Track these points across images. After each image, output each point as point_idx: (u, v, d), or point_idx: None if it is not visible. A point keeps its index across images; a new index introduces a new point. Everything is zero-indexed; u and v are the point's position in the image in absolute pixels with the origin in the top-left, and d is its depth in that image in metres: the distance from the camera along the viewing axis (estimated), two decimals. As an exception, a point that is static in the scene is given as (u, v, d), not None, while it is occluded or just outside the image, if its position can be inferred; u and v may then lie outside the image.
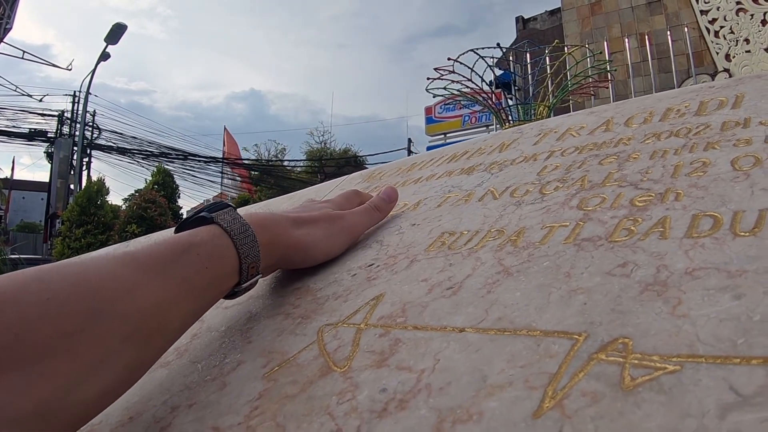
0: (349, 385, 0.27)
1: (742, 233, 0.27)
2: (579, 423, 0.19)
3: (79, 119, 12.70)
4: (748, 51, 6.77)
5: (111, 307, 0.30)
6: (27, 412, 0.25)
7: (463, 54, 5.45)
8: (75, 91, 13.28)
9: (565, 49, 6.08)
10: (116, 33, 12.44)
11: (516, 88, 7.27)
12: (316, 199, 0.56)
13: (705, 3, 7.10)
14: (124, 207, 11.57)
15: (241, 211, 0.46)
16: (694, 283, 0.24)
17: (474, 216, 0.43)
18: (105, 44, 12.41)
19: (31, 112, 12.74)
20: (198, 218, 0.39)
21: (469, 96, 5.86)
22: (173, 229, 0.41)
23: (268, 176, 17.35)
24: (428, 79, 5.62)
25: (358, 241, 0.50)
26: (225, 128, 16.57)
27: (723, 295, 0.22)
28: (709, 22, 7.03)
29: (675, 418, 0.17)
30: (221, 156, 15.97)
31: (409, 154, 15.83)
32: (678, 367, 0.19)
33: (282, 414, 0.28)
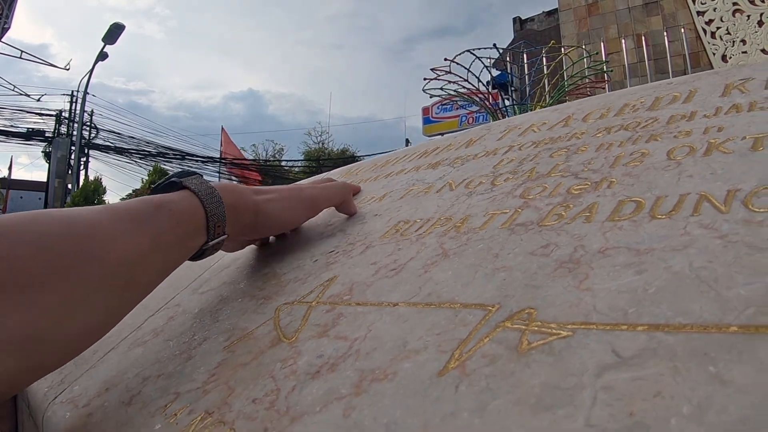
0: (293, 353, 0.30)
1: (660, 216, 0.29)
2: (474, 380, 0.21)
3: (77, 119, 12.72)
4: (745, 52, 6.78)
5: (95, 251, 0.32)
6: (18, 336, 0.28)
7: (460, 54, 5.47)
8: (73, 91, 13.31)
9: (562, 50, 6.10)
10: (114, 33, 12.46)
11: (512, 88, 7.29)
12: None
13: (702, 4, 7.11)
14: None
15: None
16: (604, 261, 0.26)
17: (429, 206, 0.45)
18: (103, 44, 12.42)
19: (28, 112, 12.77)
20: (169, 183, 0.42)
21: (465, 96, 5.88)
22: None
23: (266, 176, 17.37)
24: (425, 79, 5.65)
25: (326, 230, 0.52)
26: (222, 129, 16.57)
27: (627, 270, 0.24)
28: (706, 23, 7.04)
29: (558, 376, 0.19)
30: (219, 156, 15.98)
31: (406, 155, 15.82)
32: (570, 333, 0.21)
33: (234, 379, 0.31)
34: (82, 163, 12.92)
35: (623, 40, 7.58)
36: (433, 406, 0.21)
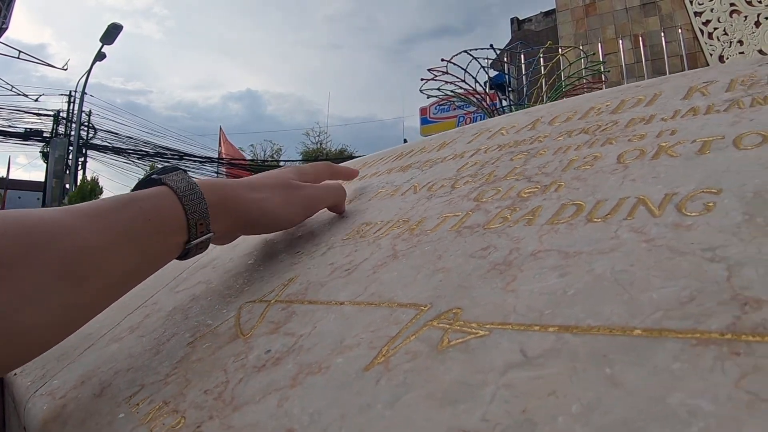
0: (246, 348, 0.32)
1: (596, 219, 0.30)
2: (394, 375, 0.22)
3: (75, 119, 12.73)
4: (742, 53, 6.77)
5: (46, 243, 0.31)
6: None
7: (457, 55, 5.48)
8: (71, 91, 13.31)
9: (559, 50, 6.11)
10: (112, 33, 12.47)
11: (510, 89, 7.30)
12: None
13: (699, 5, 7.10)
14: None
15: None
16: (534, 263, 0.27)
17: (391, 208, 0.46)
18: (101, 44, 12.43)
19: (26, 112, 12.77)
20: (149, 180, 0.41)
21: (462, 97, 5.89)
22: None
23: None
24: (422, 80, 5.66)
25: (296, 231, 0.53)
26: (221, 129, 16.58)
27: (552, 273, 0.25)
28: (703, 23, 7.03)
29: (468, 372, 0.21)
30: (217, 156, 15.99)
31: (404, 155, 15.84)
32: (487, 333, 0.22)
33: (192, 371, 0.33)
34: (79, 163, 12.94)
35: (620, 41, 7.59)
36: (354, 398, 0.22)
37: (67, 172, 12.72)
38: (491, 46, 5.79)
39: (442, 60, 5.48)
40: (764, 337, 0.17)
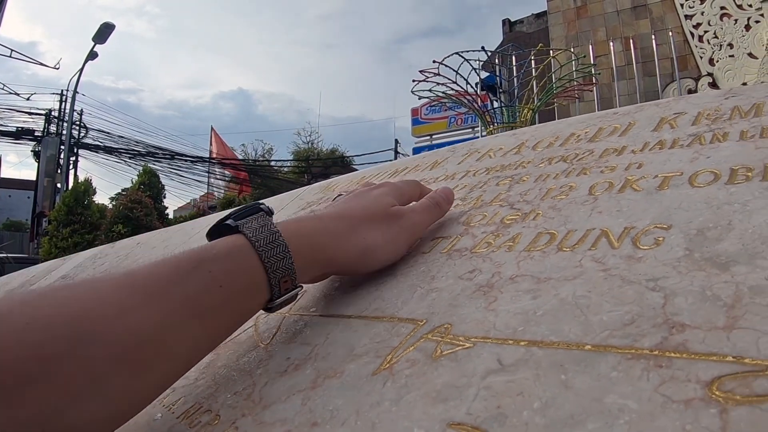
0: (266, 355, 0.38)
1: (565, 249, 0.35)
2: (397, 379, 0.28)
3: (67, 118, 12.70)
4: (732, 56, 6.86)
5: (96, 330, 0.28)
6: None
7: (448, 57, 5.53)
8: (62, 90, 13.29)
9: (550, 52, 6.16)
10: (104, 32, 12.44)
11: (501, 90, 7.35)
12: (372, 182, 0.51)
13: (690, 8, 7.18)
14: (110, 207, 11.66)
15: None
16: (512, 287, 0.32)
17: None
18: (93, 43, 12.40)
19: (18, 111, 12.74)
20: (223, 226, 0.36)
21: (454, 98, 5.93)
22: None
23: (255, 176, 17.40)
24: (414, 81, 5.69)
25: None
26: (212, 128, 16.57)
27: (526, 295, 0.31)
28: (694, 26, 7.11)
29: (455, 376, 0.26)
30: (208, 156, 15.99)
31: (395, 155, 15.90)
32: (472, 345, 0.28)
33: (219, 375, 0.38)
34: (71, 162, 12.93)
35: (611, 43, 7.66)
36: (365, 397, 0.28)
37: (59, 171, 12.71)
38: (483, 48, 5.84)
39: (434, 61, 5.52)
40: (682, 354, 0.23)
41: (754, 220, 0.30)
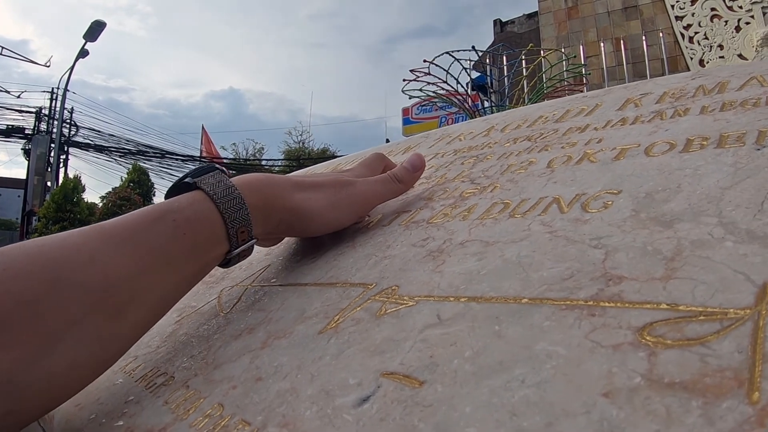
0: (225, 322, 0.38)
1: (516, 215, 0.36)
2: (341, 336, 0.28)
3: (57, 116, 12.65)
4: (722, 57, 6.89)
5: (71, 276, 0.29)
6: None
7: (439, 56, 5.54)
8: (53, 88, 13.24)
9: (541, 52, 6.18)
10: (95, 30, 12.40)
11: (491, 90, 7.37)
12: (343, 168, 0.53)
13: (680, 9, 7.21)
14: (100, 204, 11.63)
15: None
16: (461, 251, 0.33)
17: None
18: (84, 42, 12.36)
19: (8, 108, 12.68)
20: (182, 184, 0.38)
21: (444, 98, 5.94)
22: None
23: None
24: (404, 80, 5.70)
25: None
26: (203, 127, 16.54)
27: (472, 258, 0.32)
28: (684, 27, 7.14)
29: (395, 332, 0.27)
30: (199, 154, 15.95)
31: (388, 155, 15.86)
32: (414, 303, 0.29)
33: (179, 341, 0.39)
34: (61, 160, 12.87)
35: (602, 44, 7.69)
36: (309, 353, 0.28)
37: (49, 169, 12.65)
38: (473, 47, 5.86)
39: (425, 61, 5.52)
40: (616, 303, 0.23)
41: (703, 182, 0.30)
